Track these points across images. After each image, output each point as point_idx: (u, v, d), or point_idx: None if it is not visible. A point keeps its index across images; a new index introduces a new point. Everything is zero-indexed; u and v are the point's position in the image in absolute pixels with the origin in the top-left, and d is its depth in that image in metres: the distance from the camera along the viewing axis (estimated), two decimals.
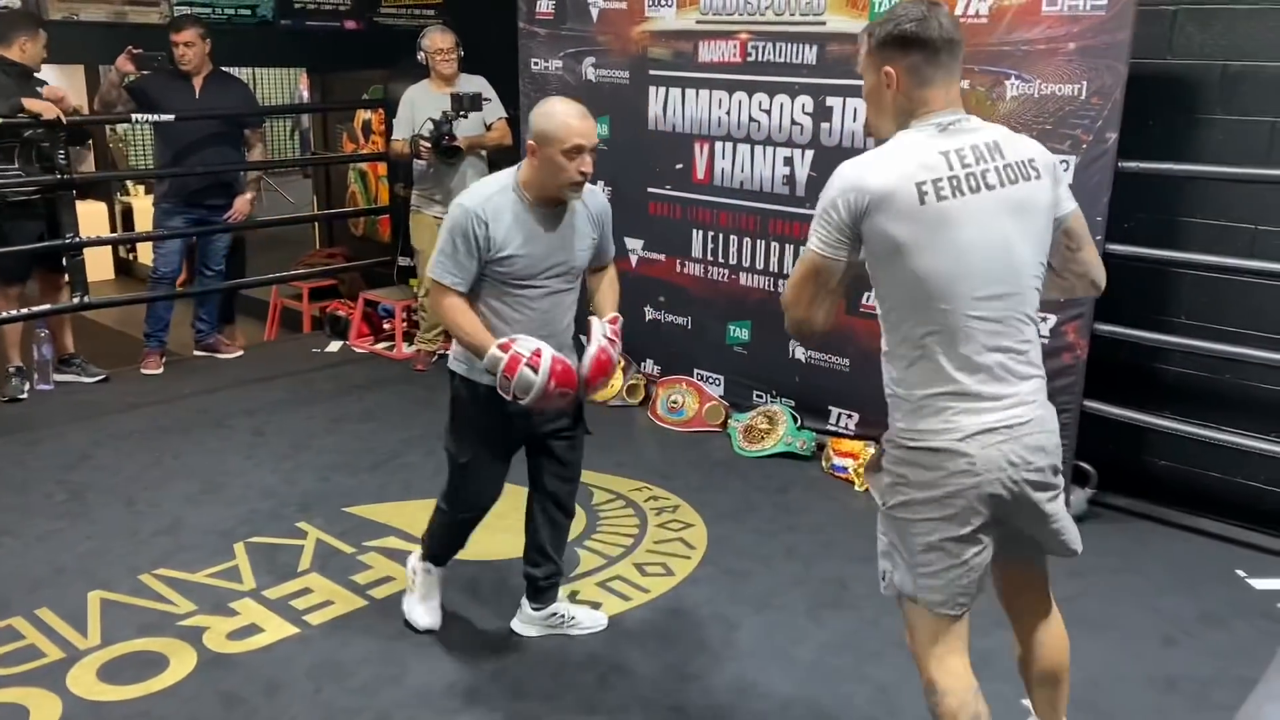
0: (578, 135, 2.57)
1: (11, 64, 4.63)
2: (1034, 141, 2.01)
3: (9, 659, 2.86)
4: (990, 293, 1.88)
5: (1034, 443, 1.96)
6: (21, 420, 4.65)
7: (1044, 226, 1.95)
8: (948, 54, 1.90)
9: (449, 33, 5.15)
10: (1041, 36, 3.62)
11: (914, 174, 1.85)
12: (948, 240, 1.85)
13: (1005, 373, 1.92)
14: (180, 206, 5.30)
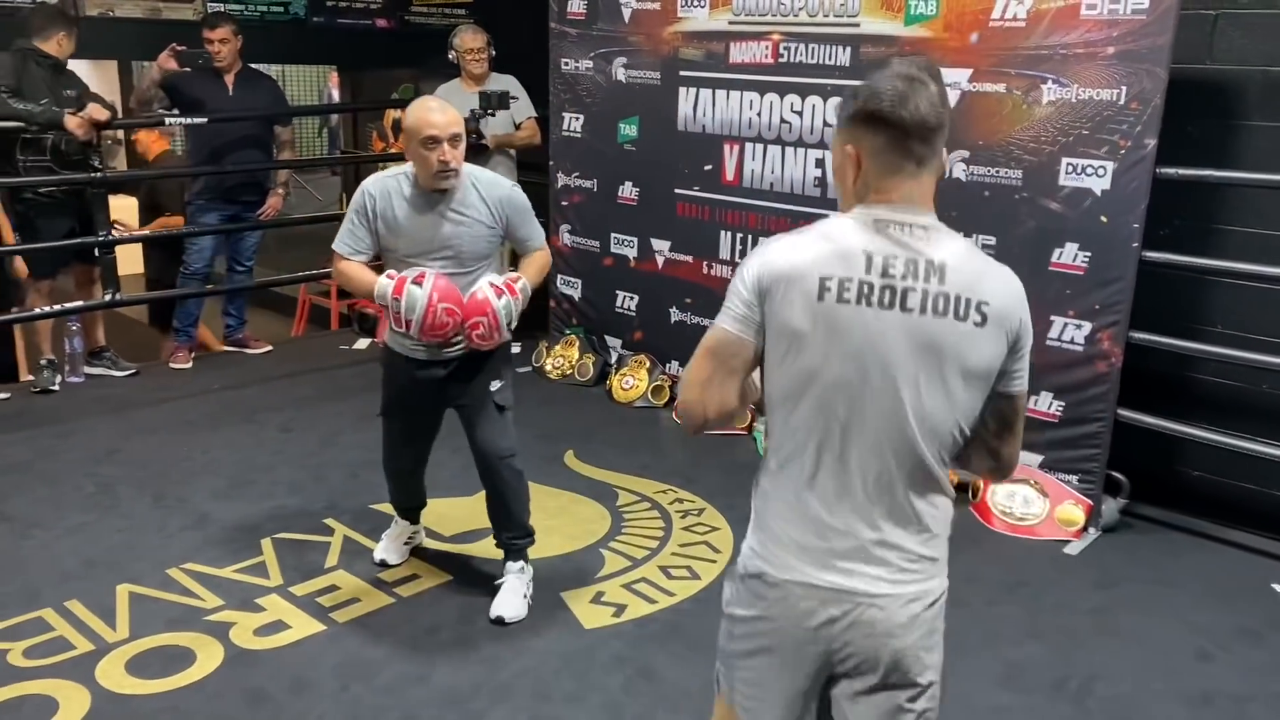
0: (430, 127, 2.78)
1: (45, 56, 4.66)
2: (1010, 288, 1.60)
3: (39, 650, 2.88)
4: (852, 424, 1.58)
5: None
6: (53, 412, 4.68)
7: (963, 379, 1.57)
8: (920, 141, 1.56)
9: (480, 32, 5.15)
10: (1080, 40, 3.57)
11: (824, 265, 1.56)
12: (833, 351, 1.56)
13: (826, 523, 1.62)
14: (214, 204, 5.33)
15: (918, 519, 1.61)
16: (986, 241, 3.89)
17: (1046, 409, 3.85)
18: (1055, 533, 3.76)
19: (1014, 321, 1.59)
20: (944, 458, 1.61)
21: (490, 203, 2.96)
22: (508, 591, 3.16)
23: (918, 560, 1.62)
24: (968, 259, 1.59)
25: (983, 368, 1.58)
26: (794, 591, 1.62)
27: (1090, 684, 2.91)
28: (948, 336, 1.55)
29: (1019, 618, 3.24)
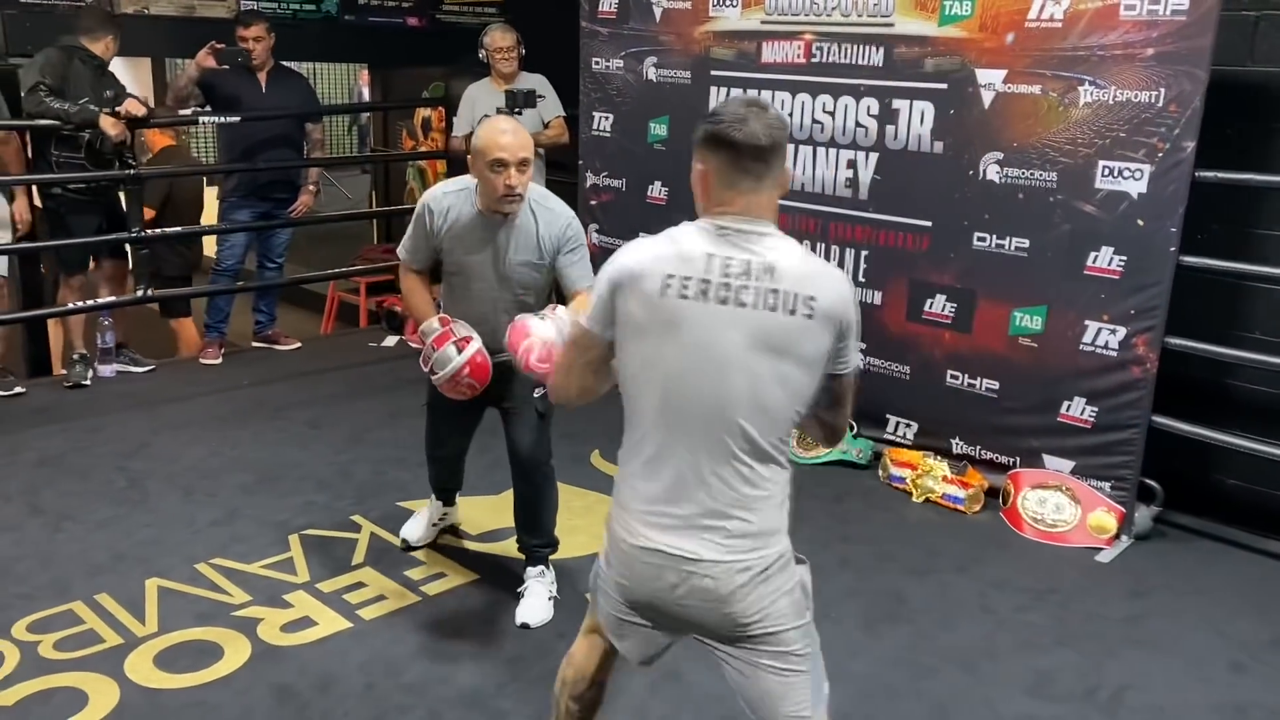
0: (500, 150, 2.74)
1: (92, 55, 4.72)
2: (836, 287, 1.79)
3: (69, 643, 2.90)
4: (690, 407, 1.78)
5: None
6: (84, 406, 4.73)
7: (794, 365, 1.76)
8: (754, 160, 1.76)
9: (510, 31, 5.16)
10: (1118, 41, 3.52)
11: (667, 264, 1.78)
12: (673, 340, 1.77)
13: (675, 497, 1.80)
14: (247, 200, 5.37)
15: (748, 496, 1.79)
16: (1020, 244, 3.86)
17: (1079, 414, 3.80)
18: (1087, 540, 3.71)
19: (838, 314, 1.78)
20: (778, 438, 1.80)
21: (545, 235, 2.91)
22: (531, 596, 3.16)
23: (747, 535, 1.79)
24: (798, 262, 1.79)
25: (813, 355, 1.78)
26: (640, 556, 1.83)
27: (1121, 694, 2.87)
28: (779, 329, 1.74)
29: (1049, 625, 3.20)
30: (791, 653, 1.86)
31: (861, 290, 4.34)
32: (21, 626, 2.97)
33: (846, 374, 1.86)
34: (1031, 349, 3.90)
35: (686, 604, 1.81)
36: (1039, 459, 3.93)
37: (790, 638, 1.85)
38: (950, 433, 4.17)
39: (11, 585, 3.20)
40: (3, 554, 3.39)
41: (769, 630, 1.83)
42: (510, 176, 2.76)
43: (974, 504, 3.94)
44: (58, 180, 4.76)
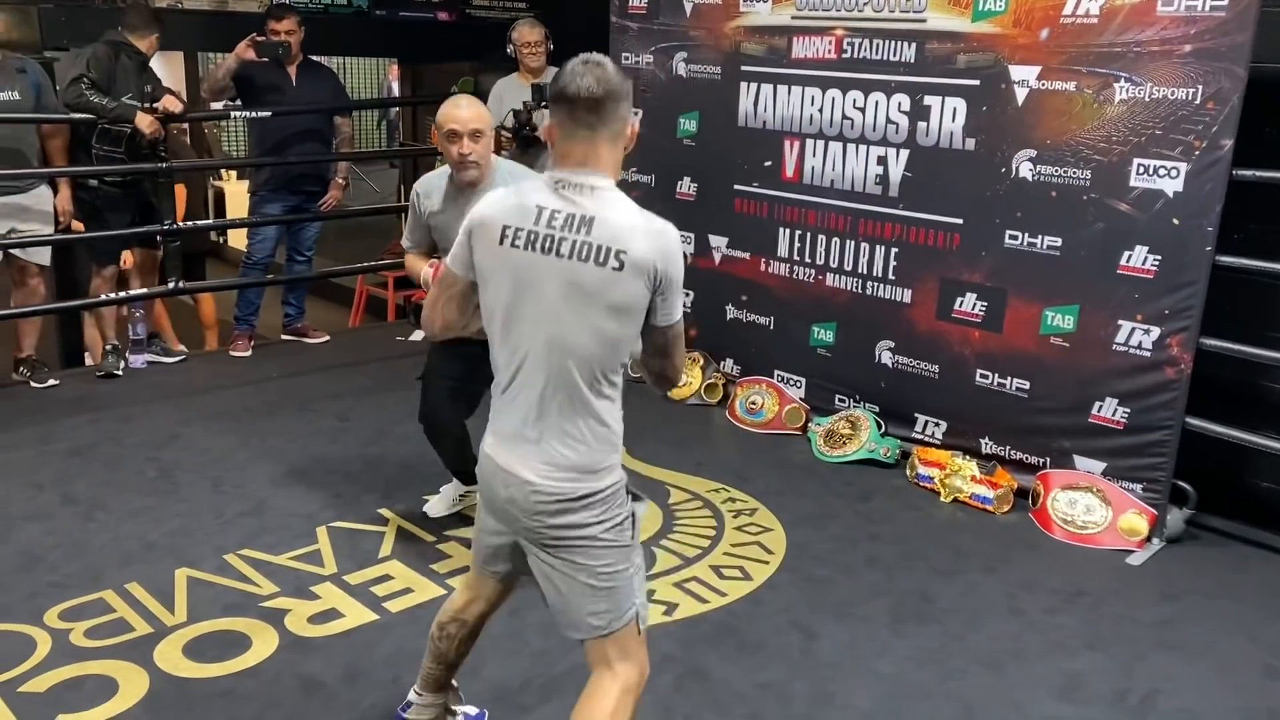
0: (451, 121, 3.04)
1: (137, 51, 4.78)
2: (653, 241, 1.90)
3: (100, 631, 2.93)
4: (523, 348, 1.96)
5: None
6: (116, 397, 4.78)
7: (607, 314, 1.90)
8: (588, 112, 1.89)
9: (538, 26, 5.17)
10: (1155, 37, 3.48)
11: (508, 216, 1.94)
12: (509, 286, 1.94)
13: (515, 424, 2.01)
14: (278, 193, 5.40)
15: (574, 428, 1.96)
16: (1052, 243, 3.82)
17: (1111, 415, 3.76)
18: (1117, 542, 3.67)
19: (652, 268, 1.88)
20: (599, 379, 1.95)
21: None
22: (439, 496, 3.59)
23: (570, 468, 1.97)
24: (619, 215, 1.90)
25: (623, 304, 1.90)
26: (490, 470, 2.07)
27: (1152, 698, 2.83)
28: (590, 279, 1.88)
29: (1078, 628, 3.17)
30: (599, 569, 2.02)
31: (890, 288, 4.32)
32: (54, 614, 3.00)
33: (665, 326, 1.97)
34: (1063, 349, 3.86)
35: (512, 512, 2.04)
36: (1069, 460, 3.89)
37: (598, 554, 2.01)
38: (979, 432, 4.14)
39: (44, 573, 3.23)
40: (36, 542, 3.43)
41: (572, 546, 2.01)
42: (463, 145, 3.04)
43: (1003, 504, 3.91)
44: (95, 173, 4.81)
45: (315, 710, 2.65)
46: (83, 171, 4.84)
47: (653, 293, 1.91)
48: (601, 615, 2.04)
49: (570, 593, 2.04)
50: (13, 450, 4.15)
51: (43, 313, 5.03)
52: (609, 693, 2.06)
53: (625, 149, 1.99)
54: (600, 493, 2.00)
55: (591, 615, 2.05)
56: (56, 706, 2.61)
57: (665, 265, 1.90)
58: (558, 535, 2.01)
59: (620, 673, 2.07)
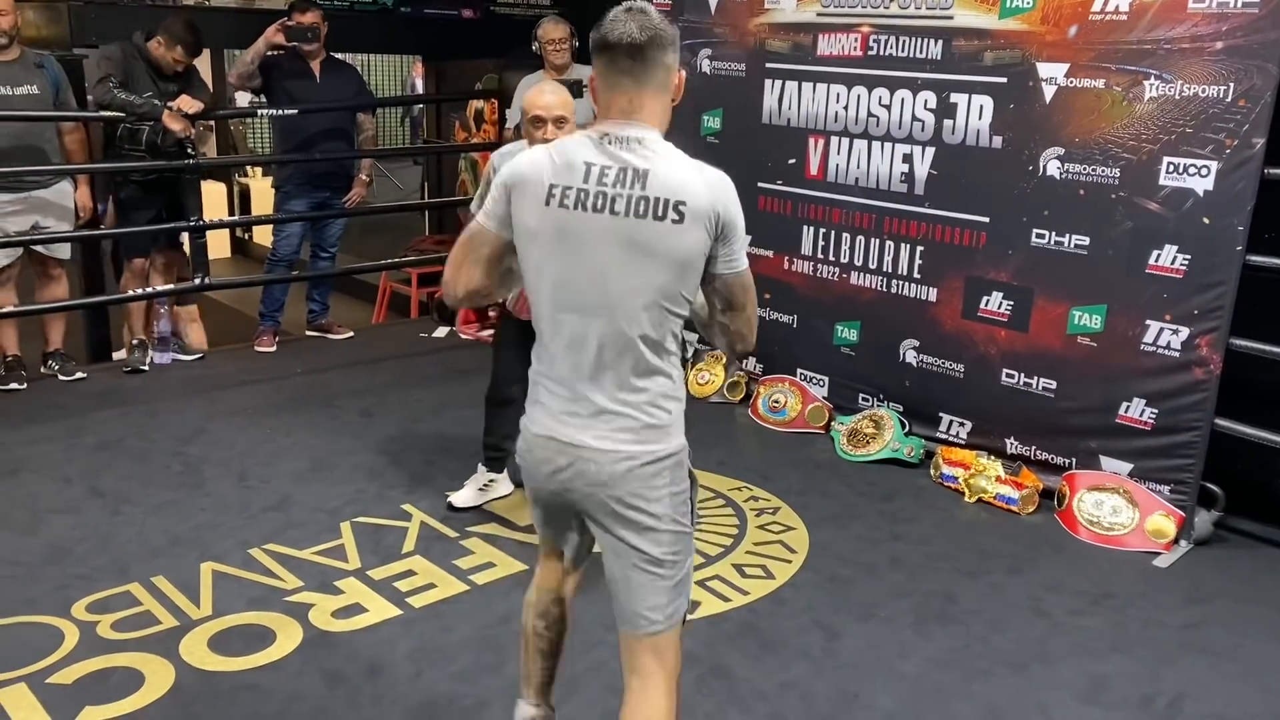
0: (536, 108, 3.13)
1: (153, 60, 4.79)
2: (710, 189, 1.83)
3: (127, 624, 2.95)
4: (577, 311, 1.88)
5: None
6: (142, 392, 4.82)
7: (668, 269, 1.83)
8: (630, 59, 1.82)
9: (562, 23, 5.17)
10: (1186, 34, 3.44)
11: (554, 174, 1.86)
12: (560, 247, 1.87)
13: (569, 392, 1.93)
14: (302, 190, 5.43)
15: (635, 391, 1.88)
16: (1080, 242, 3.79)
17: (1138, 416, 3.72)
18: (1144, 544, 3.63)
19: (713, 215, 1.82)
20: (662, 339, 1.88)
21: None
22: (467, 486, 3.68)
23: (630, 430, 1.89)
24: (672, 166, 1.83)
25: (685, 257, 1.83)
26: (538, 443, 1.97)
27: (1179, 702, 2.80)
28: (649, 234, 1.81)
29: (1104, 630, 3.14)
30: (663, 556, 1.95)
31: (915, 286, 4.30)
32: (81, 606, 3.03)
33: (734, 274, 1.90)
34: (1090, 348, 3.82)
35: (572, 486, 1.95)
36: (1096, 460, 3.86)
37: (661, 538, 1.94)
38: (1005, 432, 4.11)
39: (71, 566, 3.27)
40: (63, 535, 3.46)
41: (640, 524, 1.93)
42: (547, 131, 3.09)
43: (1028, 505, 3.88)
44: (120, 169, 4.85)
45: (338, 704, 2.66)
46: (108, 168, 4.88)
47: (715, 240, 1.84)
48: (660, 609, 1.97)
49: (632, 579, 1.96)
50: (42, 443, 4.19)
51: (69, 308, 5.08)
52: (661, 691, 2.00)
53: (673, 101, 1.91)
54: (670, 456, 1.93)
55: (651, 609, 1.97)
56: (83, 698, 2.63)
57: (727, 210, 1.83)
58: (624, 506, 1.92)
59: (670, 669, 2.02)
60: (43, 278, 4.88)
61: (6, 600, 3.05)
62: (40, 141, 4.67)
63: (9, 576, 3.19)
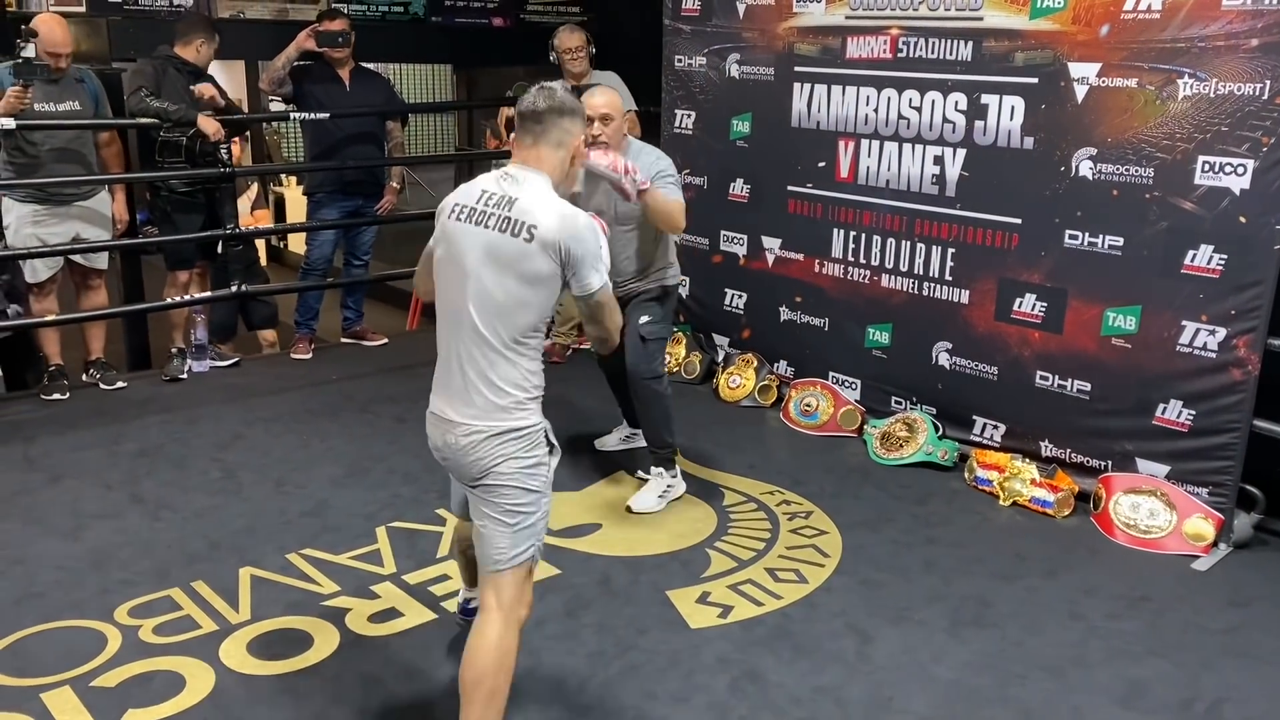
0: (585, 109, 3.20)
1: (185, 63, 4.88)
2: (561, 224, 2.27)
3: (168, 628, 3.00)
4: (452, 306, 2.34)
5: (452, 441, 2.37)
6: (181, 399, 4.89)
7: (517, 278, 2.26)
8: (533, 122, 2.36)
9: (577, 31, 5.20)
10: (1220, 32, 3.40)
11: (462, 197, 2.38)
12: (446, 251, 2.37)
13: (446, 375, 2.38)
14: (333, 197, 5.49)
15: (491, 379, 2.31)
16: (1114, 242, 3.76)
17: (1175, 418, 3.69)
18: (1182, 547, 3.60)
19: (559, 245, 2.27)
20: (512, 335, 2.30)
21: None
22: (645, 490, 3.84)
23: (484, 409, 2.31)
24: (538, 201, 2.30)
25: (535, 274, 2.28)
26: (429, 418, 2.45)
27: (1218, 707, 2.77)
28: (506, 248, 2.27)
29: (1142, 634, 3.12)
30: (509, 505, 2.33)
31: (947, 288, 4.28)
32: (124, 611, 3.08)
33: (584, 296, 2.35)
34: (1125, 350, 3.79)
35: (447, 455, 2.40)
36: (1132, 463, 3.83)
37: (511, 493, 2.33)
38: (1039, 435, 4.08)
39: (114, 570, 3.32)
40: (106, 540, 3.52)
41: (490, 483, 2.33)
42: (593, 128, 3.43)
43: (1063, 508, 3.85)
44: (158, 178, 4.93)
45: (375, 708, 2.69)
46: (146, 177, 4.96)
47: (562, 266, 2.28)
48: (503, 552, 2.34)
49: (486, 528, 2.35)
50: (84, 450, 4.27)
51: (108, 316, 5.16)
52: (494, 624, 2.34)
53: (572, 159, 2.41)
54: (515, 431, 2.32)
55: (496, 550, 2.34)
56: (126, 701, 2.68)
57: (571, 243, 2.26)
58: (481, 470, 2.33)
59: (507, 607, 2.36)
60: (83, 288, 4.97)
61: (52, 605, 3.12)
62: (82, 154, 4.76)
63: (54, 581, 3.25)
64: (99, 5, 5.31)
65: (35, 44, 4.33)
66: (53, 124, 4.59)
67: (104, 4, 5.31)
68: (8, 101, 4.33)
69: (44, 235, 4.70)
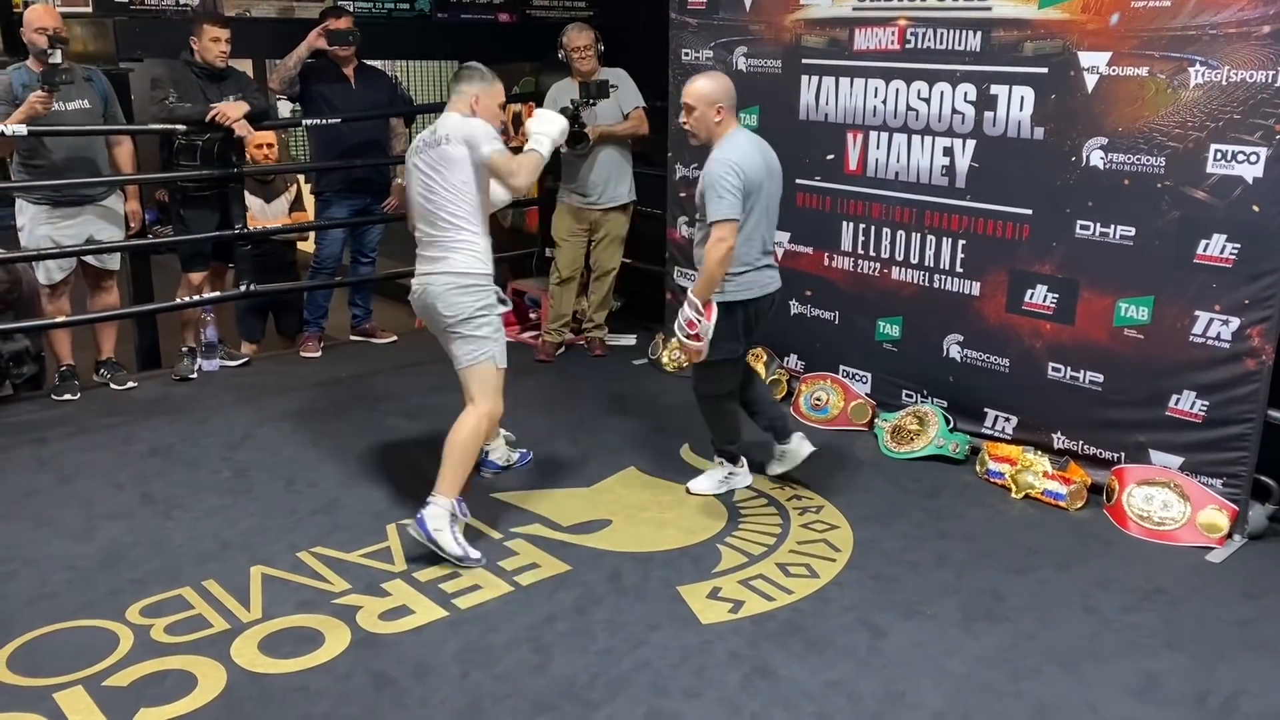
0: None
1: (203, 67, 4.86)
2: (459, 126, 3.39)
3: (179, 628, 3.00)
4: (419, 208, 3.49)
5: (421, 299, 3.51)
6: (191, 399, 4.90)
7: (450, 168, 3.38)
8: (455, 83, 3.53)
9: (586, 30, 5.19)
10: (1232, 19, 3.37)
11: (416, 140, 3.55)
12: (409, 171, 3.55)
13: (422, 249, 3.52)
14: (341, 195, 5.49)
15: (443, 248, 3.45)
16: (1125, 232, 3.73)
17: (1189, 409, 3.66)
18: (1196, 539, 3.57)
19: (460, 134, 3.38)
20: (450, 219, 3.42)
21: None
22: (704, 475, 3.99)
23: (444, 271, 3.44)
24: (449, 122, 3.44)
25: (457, 159, 3.38)
26: (413, 281, 3.54)
27: (1235, 699, 2.75)
28: (436, 152, 3.41)
29: (1156, 627, 3.10)
30: (468, 333, 3.44)
31: (958, 280, 4.26)
32: (135, 610, 3.09)
33: (484, 159, 3.36)
34: (1137, 340, 3.76)
35: (426, 312, 3.51)
36: (1145, 454, 3.80)
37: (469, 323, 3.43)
38: (1051, 427, 4.06)
39: (125, 570, 3.33)
40: (117, 540, 3.53)
41: (456, 325, 3.44)
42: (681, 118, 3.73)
43: (1076, 500, 3.83)
44: (171, 179, 4.94)
45: (387, 706, 2.69)
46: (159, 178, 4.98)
47: (469, 148, 3.34)
48: (461, 357, 3.46)
49: (451, 346, 3.48)
50: (95, 451, 4.28)
51: (119, 317, 5.17)
52: (470, 415, 3.45)
53: (472, 110, 3.45)
54: (465, 286, 3.41)
55: (459, 355, 3.46)
56: (139, 700, 2.68)
57: (468, 133, 3.35)
58: (446, 317, 3.43)
59: (478, 403, 3.46)
60: (95, 289, 4.98)
61: (64, 605, 3.12)
62: (93, 155, 4.77)
63: (66, 581, 3.26)
64: (105, 5, 5.30)
65: (60, 49, 4.36)
66: (71, 130, 4.61)
67: (110, 4, 5.30)
68: (30, 106, 4.35)
69: (58, 236, 4.71)
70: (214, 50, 4.84)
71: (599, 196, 5.30)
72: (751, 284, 3.61)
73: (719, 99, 3.58)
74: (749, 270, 3.59)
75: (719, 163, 3.50)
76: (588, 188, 5.28)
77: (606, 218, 5.35)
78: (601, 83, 4.97)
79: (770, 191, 3.62)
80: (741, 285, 3.59)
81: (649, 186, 5.52)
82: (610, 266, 5.45)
